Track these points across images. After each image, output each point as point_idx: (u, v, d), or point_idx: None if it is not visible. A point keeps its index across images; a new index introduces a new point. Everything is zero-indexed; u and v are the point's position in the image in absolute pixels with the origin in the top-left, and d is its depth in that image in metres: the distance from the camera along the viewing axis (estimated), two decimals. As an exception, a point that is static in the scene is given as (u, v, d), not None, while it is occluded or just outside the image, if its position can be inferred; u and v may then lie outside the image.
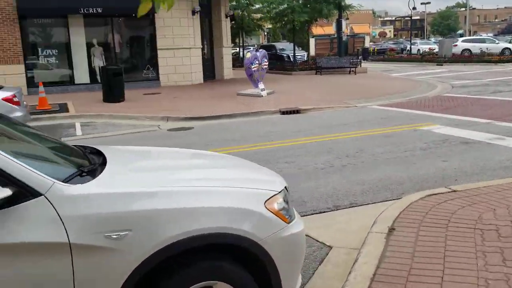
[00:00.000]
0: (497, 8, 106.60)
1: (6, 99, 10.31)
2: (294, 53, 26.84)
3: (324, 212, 5.34)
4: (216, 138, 9.88)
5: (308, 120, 11.74)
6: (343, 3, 25.31)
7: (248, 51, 16.05)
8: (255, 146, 8.85)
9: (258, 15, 32.46)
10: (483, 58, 29.69)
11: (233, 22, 31.86)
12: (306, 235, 4.59)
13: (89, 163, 2.89)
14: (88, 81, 18.01)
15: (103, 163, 2.87)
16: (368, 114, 12.16)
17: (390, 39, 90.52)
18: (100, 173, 2.64)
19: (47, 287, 2.27)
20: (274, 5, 26.18)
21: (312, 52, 50.24)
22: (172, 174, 2.89)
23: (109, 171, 2.71)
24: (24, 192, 2.23)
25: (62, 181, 2.38)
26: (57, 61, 17.96)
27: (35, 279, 2.24)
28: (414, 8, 37.55)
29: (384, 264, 3.59)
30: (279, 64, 26.46)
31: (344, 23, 26.10)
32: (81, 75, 18.20)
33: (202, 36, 20.48)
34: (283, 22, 26.94)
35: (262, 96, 15.54)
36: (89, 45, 18.21)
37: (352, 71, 23.90)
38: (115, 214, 2.36)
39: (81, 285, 2.31)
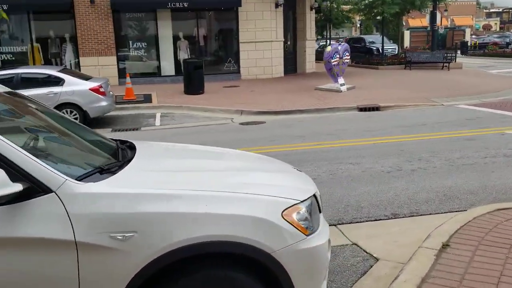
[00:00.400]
0: None
1: (93, 89, 11.06)
2: (382, 46, 25.70)
3: (380, 220, 5.00)
4: (285, 133, 9.75)
5: (386, 118, 11.17)
6: (439, -6, 23.72)
7: (329, 45, 15.60)
8: (322, 144, 8.59)
9: (348, 7, 31.58)
10: None
11: (321, 14, 31.38)
12: (353, 244, 4.40)
13: (116, 160, 2.93)
14: (173, 73, 18.72)
15: (129, 160, 2.89)
16: (453, 114, 11.28)
17: (496, 32, 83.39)
18: (118, 172, 2.65)
19: (53, 283, 2.32)
20: (363, -4, 25.28)
21: (407, 45, 47.97)
22: (191, 176, 2.82)
23: (128, 170, 2.72)
24: (35, 188, 2.29)
25: (76, 179, 2.41)
26: (145, 54, 18.91)
27: (42, 275, 2.30)
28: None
29: (426, 285, 3.26)
30: (366, 58, 25.57)
31: (439, 15, 24.42)
32: (167, 67, 18.98)
33: (284, 29, 20.35)
34: (373, 14, 25.91)
35: (341, 91, 15.08)
36: (176, 38, 18.92)
37: (445, 66, 22.34)
38: (121, 215, 2.35)
39: (86, 284, 2.34)
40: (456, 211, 5.00)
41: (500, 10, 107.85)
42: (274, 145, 8.70)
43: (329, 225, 4.85)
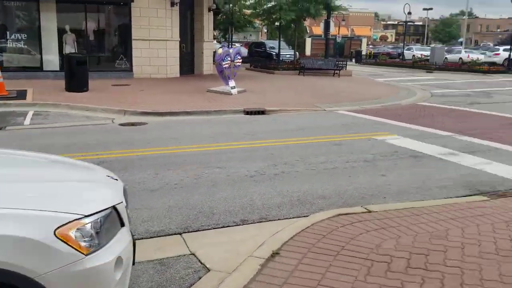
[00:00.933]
0: (500, 18, 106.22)
1: None
2: (279, 52, 26.34)
3: (228, 226, 4.88)
4: (164, 136, 9.40)
5: (268, 122, 11.28)
6: (332, 4, 24.78)
7: (220, 47, 15.54)
8: (197, 147, 8.38)
9: (249, 11, 31.95)
10: (473, 67, 29.24)
11: (223, 16, 31.40)
12: (191, 254, 4.20)
13: None
14: (58, 69, 17.44)
15: None
16: (332, 119, 11.71)
17: (391, 43, 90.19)
18: None
19: None
20: (263, 1, 25.64)
21: (308, 52, 49.87)
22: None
23: None
24: None
25: None
26: (26, 46, 17.40)
27: None
28: (409, 13, 37.05)
29: (240, 298, 3.14)
30: (263, 62, 26.04)
31: (332, 23, 25.56)
32: (51, 62, 17.64)
33: (181, 28, 19.94)
34: (271, 20, 26.43)
35: (231, 94, 15.06)
36: (62, 32, 17.65)
37: (336, 73, 23.44)
38: None
39: None
40: (304, 216, 5.04)
41: (396, 22, 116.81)
42: (149, 148, 8.33)
43: (175, 234, 4.68)
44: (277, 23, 26.25)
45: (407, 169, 6.98)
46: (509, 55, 30.33)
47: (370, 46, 67.76)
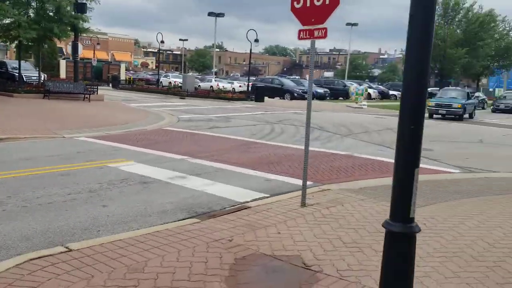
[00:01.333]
0: (245, 52, 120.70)
1: None
2: (20, 72, 23.67)
3: None
4: None
5: (-12, 153, 9.68)
6: (80, 26, 23.60)
7: None
8: None
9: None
10: (220, 94, 31.98)
11: None
12: None
13: None
14: None
15: None
16: (68, 147, 10.82)
17: (152, 70, 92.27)
18: None
19: None
20: (-3, 16, 22.59)
21: (64, 75, 46.71)
22: None
23: None
24: None
25: None
26: None
27: None
28: (162, 42, 38.45)
29: None
30: (1, 84, 22.96)
31: (81, 46, 24.36)
32: None
33: None
34: (10, 37, 23.55)
35: None
36: None
37: (87, 98, 22.31)
38: None
39: None
40: (-8, 266, 4.22)
41: (156, 50, 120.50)
42: None
43: None
44: (16, 42, 23.51)
45: (132, 196, 6.77)
46: (247, 85, 34.36)
47: (131, 72, 67.89)
